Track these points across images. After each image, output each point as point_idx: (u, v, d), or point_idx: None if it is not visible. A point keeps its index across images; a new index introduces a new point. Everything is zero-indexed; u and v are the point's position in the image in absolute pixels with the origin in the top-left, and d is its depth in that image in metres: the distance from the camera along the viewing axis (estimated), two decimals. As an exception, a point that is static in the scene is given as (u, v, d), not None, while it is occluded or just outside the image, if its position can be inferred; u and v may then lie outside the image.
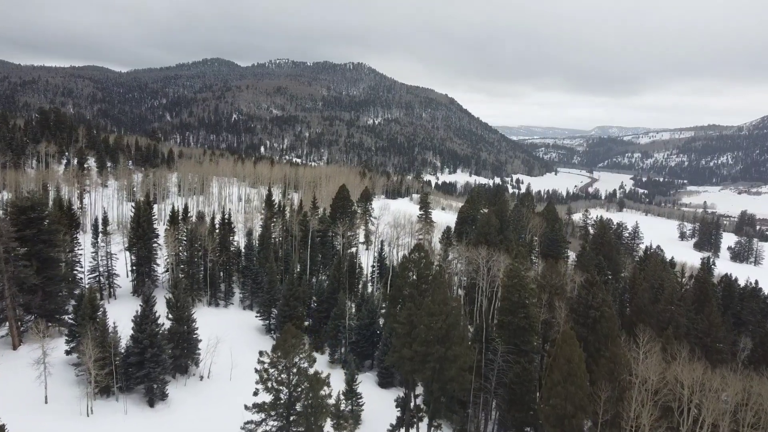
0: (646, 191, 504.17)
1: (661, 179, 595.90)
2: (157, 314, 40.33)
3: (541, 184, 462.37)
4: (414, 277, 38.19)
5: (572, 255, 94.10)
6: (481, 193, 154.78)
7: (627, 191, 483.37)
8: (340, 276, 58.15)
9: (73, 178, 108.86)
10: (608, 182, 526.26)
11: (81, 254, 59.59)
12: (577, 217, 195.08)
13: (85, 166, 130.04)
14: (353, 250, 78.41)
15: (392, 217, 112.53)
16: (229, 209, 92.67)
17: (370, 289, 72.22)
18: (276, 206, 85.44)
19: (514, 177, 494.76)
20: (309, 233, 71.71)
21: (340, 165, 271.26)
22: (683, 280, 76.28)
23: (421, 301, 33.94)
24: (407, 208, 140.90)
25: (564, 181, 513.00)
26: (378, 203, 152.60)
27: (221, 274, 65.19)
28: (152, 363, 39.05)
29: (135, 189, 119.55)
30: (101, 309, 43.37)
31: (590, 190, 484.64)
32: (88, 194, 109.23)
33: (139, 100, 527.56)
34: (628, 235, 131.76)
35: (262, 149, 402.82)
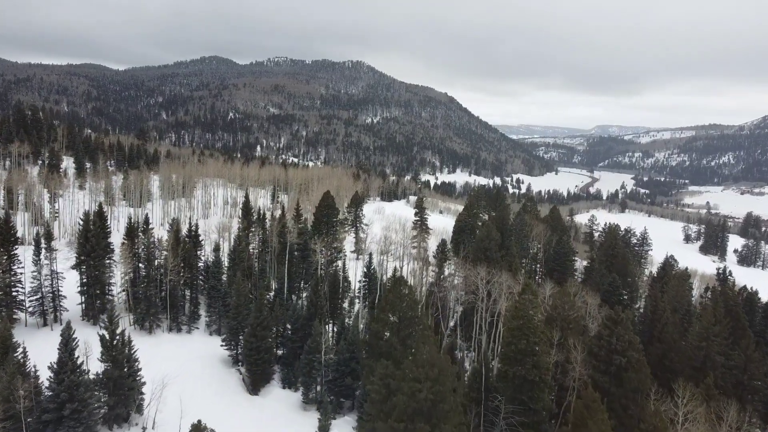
0: (647, 191, 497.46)
1: (663, 179, 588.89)
2: (79, 360, 32.87)
3: (541, 183, 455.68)
4: (395, 319, 30.82)
5: (578, 263, 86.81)
6: (481, 195, 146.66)
7: (628, 191, 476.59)
8: (317, 299, 50.60)
9: (44, 180, 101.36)
10: (609, 182, 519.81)
11: (22, 273, 52.03)
12: (580, 219, 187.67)
13: (63, 167, 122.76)
14: (339, 263, 70.75)
15: (386, 222, 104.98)
16: (196, 219, 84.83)
17: (357, 307, 64.64)
18: (255, 214, 77.65)
19: (514, 177, 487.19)
20: (287, 246, 64.12)
21: (335, 165, 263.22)
22: (703, 297, 69.01)
23: (402, 353, 26.55)
24: (403, 211, 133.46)
25: (564, 180, 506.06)
26: (372, 206, 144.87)
27: (186, 294, 57.70)
28: (72, 421, 31.65)
29: (114, 192, 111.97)
30: (20, 346, 35.94)
31: (591, 190, 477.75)
32: (61, 198, 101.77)
33: (135, 99, 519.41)
34: (636, 241, 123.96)
35: (259, 148, 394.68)
